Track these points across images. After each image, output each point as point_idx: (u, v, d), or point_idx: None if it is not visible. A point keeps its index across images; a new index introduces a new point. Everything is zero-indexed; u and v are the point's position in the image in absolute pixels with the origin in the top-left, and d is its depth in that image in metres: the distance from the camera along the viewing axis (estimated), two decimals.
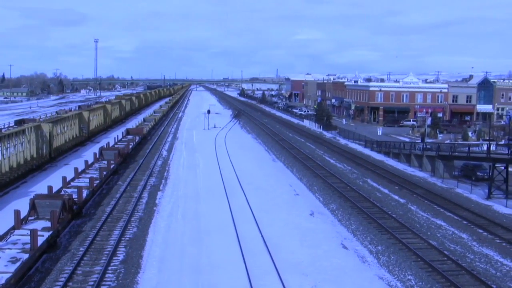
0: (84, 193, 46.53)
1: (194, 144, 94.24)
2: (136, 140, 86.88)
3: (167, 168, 68.52)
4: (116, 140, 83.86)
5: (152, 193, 53.97)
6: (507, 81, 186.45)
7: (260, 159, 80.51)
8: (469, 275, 33.62)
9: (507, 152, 60.44)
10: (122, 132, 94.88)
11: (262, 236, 40.59)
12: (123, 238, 38.89)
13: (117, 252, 35.93)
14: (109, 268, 33.00)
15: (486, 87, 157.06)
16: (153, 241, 39.01)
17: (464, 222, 46.05)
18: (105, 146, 72.13)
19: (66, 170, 62.42)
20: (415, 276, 33.32)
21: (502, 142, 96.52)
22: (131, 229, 41.26)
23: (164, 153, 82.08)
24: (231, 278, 32.20)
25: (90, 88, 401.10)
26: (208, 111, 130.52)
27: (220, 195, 54.14)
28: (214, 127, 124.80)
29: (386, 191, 58.19)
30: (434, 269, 34.19)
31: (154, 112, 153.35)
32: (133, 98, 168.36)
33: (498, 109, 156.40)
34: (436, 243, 39.94)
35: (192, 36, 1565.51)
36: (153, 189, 56.10)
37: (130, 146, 77.55)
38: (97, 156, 65.80)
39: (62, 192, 46.42)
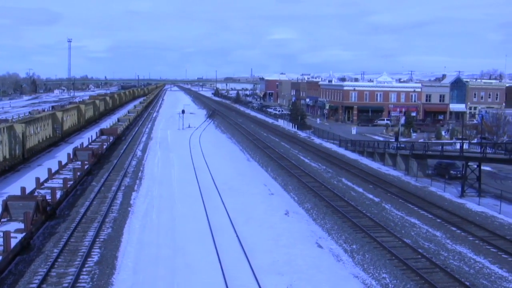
0: (58, 194, 46.26)
1: (169, 144, 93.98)
2: (110, 140, 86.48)
3: (141, 168, 68.25)
4: (90, 141, 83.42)
5: (126, 194, 53.72)
6: (479, 80, 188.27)
7: (234, 158, 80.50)
8: (443, 272, 33.90)
9: (479, 150, 60.96)
10: (96, 133, 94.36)
11: (237, 235, 40.60)
12: (97, 239, 38.66)
13: (92, 253, 35.70)
14: (84, 269, 32.79)
15: (459, 87, 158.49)
16: (128, 242, 38.85)
17: (438, 220, 46.42)
18: (79, 147, 71.68)
19: (39, 171, 61.96)
20: (390, 274, 33.52)
21: (475, 140, 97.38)
22: (105, 230, 41.03)
23: (139, 153, 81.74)
24: (206, 278, 32.16)
25: (64, 88, 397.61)
26: (183, 111, 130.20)
27: (195, 195, 54.06)
28: (189, 127, 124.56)
29: (360, 190, 58.45)
30: (409, 267, 34.42)
31: (129, 112, 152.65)
32: (107, 98, 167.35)
33: (470, 108, 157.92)
34: (410, 241, 40.20)
35: (166, 35, 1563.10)
36: (127, 189, 55.85)
37: (104, 147, 77.18)
38: (71, 156, 65.39)
39: (36, 193, 46.11)
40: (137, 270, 33.56)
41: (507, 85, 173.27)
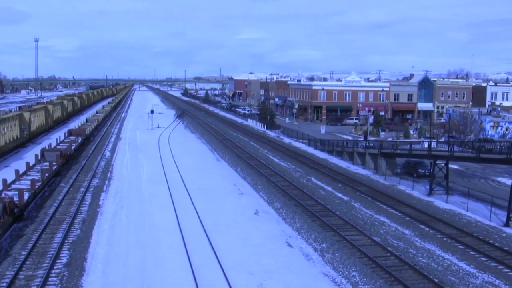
0: (26, 195, 45.82)
1: (138, 145, 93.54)
2: (79, 141, 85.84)
3: (110, 169, 67.82)
4: (58, 141, 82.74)
5: (95, 194, 53.34)
6: (446, 80, 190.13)
7: (204, 158, 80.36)
8: (412, 270, 34.18)
9: (447, 149, 61.57)
10: (65, 133, 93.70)
11: (207, 235, 40.54)
12: (66, 241, 38.33)
13: (61, 255, 35.38)
14: (52, 271, 32.48)
15: (426, 86, 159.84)
16: (97, 243, 38.56)
17: (407, 218, 46.80)
18: (47, 147, 71.09)
19: (6, 172, 61.22)
20: (360, 272, 33.71)
21: (442, 139, 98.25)
22: (74, 231, 40.70)
23: (107, 153, 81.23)
24: (177, 279, 32.05)
25: (31, 88, 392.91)
26: (152, 111, 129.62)
27: (164, 196, 53.88)
28: (158, 127, 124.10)
29: (329, 189, 58.69)
30: (378, 265, 34.64)
31: (97, 112, 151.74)
32: (75, 98, 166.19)
33: (438, 107, 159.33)
34: (379, 239, 40.48)
35: (134, 35, 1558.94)
36: (96, 190, 55.46)
37: (73, 147, 76.62)
38: (39, 157, 64.82)
39: (3, 195, 45.53)
40: (107, 271, 33.32)
41: (473, 84, 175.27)
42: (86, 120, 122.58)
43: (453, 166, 69.90)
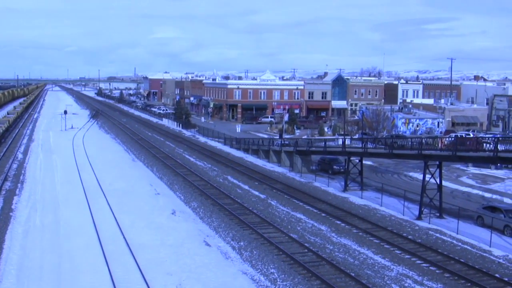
0: None
1: (51, 146, 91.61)
2: None
3: (23, 172, 66.20)
4: None
5: (7, 198, 51.93)
6: (359, 78, 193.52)
7: (119, 159, 79.40)
8: (329, 265, 34.70)
9: (361, 145, 62.64)
10: None
11: (124, 237, 40.10)
12: None
13: None
14: None
15: (340, 84, 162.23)
16: (10, 249, 37.56)
17: (323, 214, 47.46)
18: None
19: None
20: (278, 269, 33.95)
21: (356, 136, 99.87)
22: None
23: (20, 156, 79.26)
24: (94, 282, 31.57)
25: None
26: (65, 112, 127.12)
27: (80, 198, 52.98)
28: (72, 128, 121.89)
29: (246, 187, 58.94)
30: (296, 261, 35.00)
31: (8, 113, 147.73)
32: None
33: (351, 105, 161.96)
34: (296, 236, 40.91)
35: (46, 34, 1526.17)
36: (8, 193, 54.01)
37: None
38: None
39: None
40: (21, 277, 32.49)
41: (385, 82, 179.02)
42: None
43: (367, 162, 71.22)
